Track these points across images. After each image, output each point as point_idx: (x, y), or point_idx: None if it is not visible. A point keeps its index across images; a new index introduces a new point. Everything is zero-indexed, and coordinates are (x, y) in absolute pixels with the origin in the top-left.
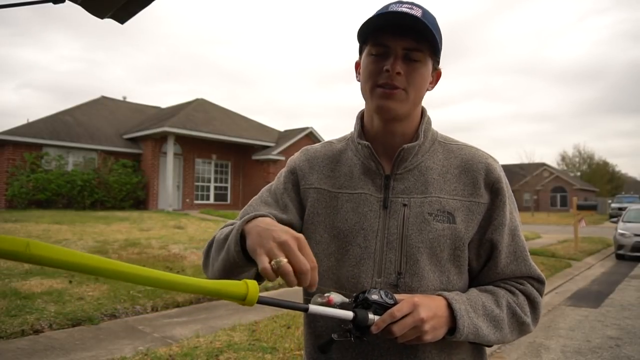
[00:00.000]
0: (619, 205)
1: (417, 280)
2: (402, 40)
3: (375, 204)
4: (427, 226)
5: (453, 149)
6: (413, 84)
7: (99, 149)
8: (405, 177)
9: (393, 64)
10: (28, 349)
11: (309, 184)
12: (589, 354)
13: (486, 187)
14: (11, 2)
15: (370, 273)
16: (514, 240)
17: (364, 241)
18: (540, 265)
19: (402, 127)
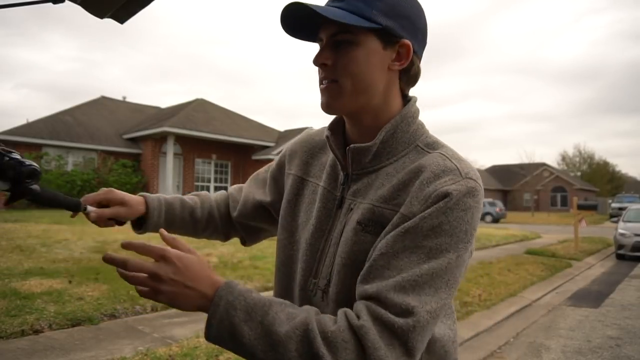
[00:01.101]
0: (619, 205)
1: (336, 292)
2: (328, 26)
3: (331, 201)
4: (355, 236)
5: (423, 156)
6: (344, 71)
7: (98, 149)
8: (360, 179)
9: (317, 55)
10: (28, 349)
11: (289, 169)
12: (589, 354)
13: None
14: (11, 2)
15: (309, 272)
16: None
17: (311, 238)
18: (540, 265)
19: (367, 123)
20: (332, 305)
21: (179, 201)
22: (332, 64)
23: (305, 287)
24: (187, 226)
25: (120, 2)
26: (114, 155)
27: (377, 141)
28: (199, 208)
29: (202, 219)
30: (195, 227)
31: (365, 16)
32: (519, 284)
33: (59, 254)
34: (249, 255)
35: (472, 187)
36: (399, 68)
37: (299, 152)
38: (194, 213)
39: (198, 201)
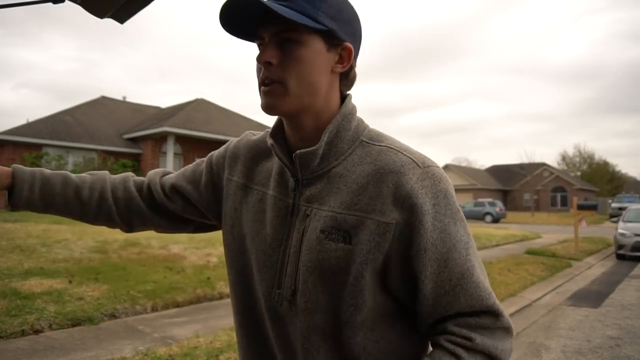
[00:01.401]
0: (619, 205)
1: (305, 301)
2: (272, 25)
3: (284, 209)
4: (318, 245)
5: (372, 152)
6: (290, 71)
7: (98, 149)
8: (313, 183)
9: (261, 53)
10: (28, 349)
11: (231, 174)
12: (589, 353)
13: (395, 203)
14: (11, 2)
15: (271, 283)
16: (447, 265)
17: (268, 248)
18: (540, 265)
19: (310, 121)
20: (302, 315)
21: (62, 178)
22: (277, 63)
23: (270, 299)
24: (72, 208)
25: (120, 2)
26: (114, 155)
27: (322, 143)
28: (87, 188)
29: (91, 201)
30: (83, 210)
31: (312, 17)
32: (519, 284)
33: (59, 254)
34: None
35: (435, 172)
36: (341, 70)
37: (241, 157)
38: (80, 193)
39: (89, 180)
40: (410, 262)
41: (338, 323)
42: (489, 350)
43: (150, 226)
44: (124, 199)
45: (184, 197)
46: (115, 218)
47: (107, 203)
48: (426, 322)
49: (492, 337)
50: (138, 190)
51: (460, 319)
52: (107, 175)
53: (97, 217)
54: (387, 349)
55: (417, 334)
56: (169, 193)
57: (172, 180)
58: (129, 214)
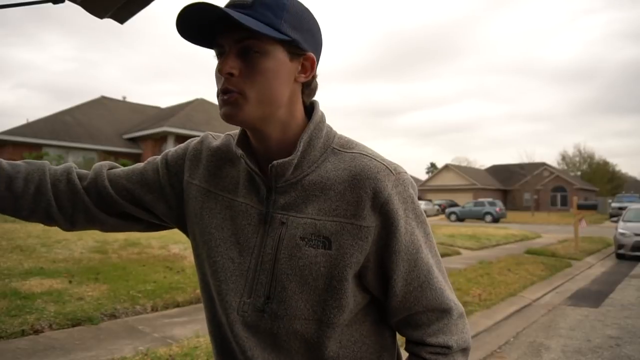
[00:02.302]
0: (619, 205)
1: (284, 308)
2: (232, 34)
3: (256, 217)
4: (299, 252)
5: (345, 159)
6: (252, 82)
7: (98, 149)
8: (287, 191)
9: (222, 64)
10: (28, 349)
11: (192, 177)
12: (589, 353)
13: (373, 208)
14: (11, 2)
15: (240, 292)
16: (416, 265)
17: (238, 257)
18: (540, 265)
19: (276, 135)
20: (277, 323)
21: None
22: (238, 74)
23: (238, 308)
24: (2, 201)
25: (120, 2)
26: (114, 155)
27: (298, 153)
28: (22, 179)
29: (25, 194)
30: (16, 204)
31: (275, 27)
32: (519, 283)
33: (59, 254)
34: None
35: (405, 179)
36: (304, 80)
37: (203, 161)
38: (12, 184)
39: (24, 170)
40: (385, 262)
41: (319, 326)
42: (461, 345)
43: (96, 224)
44: (66, 193)
45: (135, 199)
46: (54, 215)
47: (46, 197)
48: (395, 316)
49: (458, 331)
50: (82, 185)
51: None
52: (46, 166)
53: (32, 213)
54: (360, 341)
55: (385, 323)
56: (119, 192)
57: (122, 181)
58: (71, 210)
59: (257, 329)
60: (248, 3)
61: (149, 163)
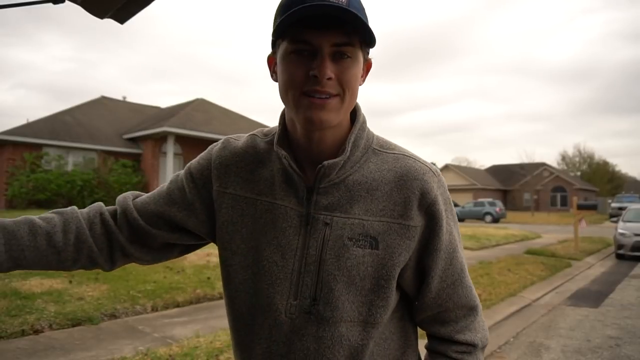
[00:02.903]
0: (619, 205)
1: (330, 310)
2: (330, 35)
3: (296, 219)
4: (346, 252)
5: (388, 160)
6: (348, 86)
7: (98, 149)
8: (329, 192)
9: (321, 67)
10: (28, 349)
11: (224, 187)
12: (589, 353)
13: (420, 208)
14: (11, 2)
15: (286, 294)
16: (452, 263)
17: (281, 259)
18: (540, 265)
19: (331, 135)
20: (324, 325)
21: (27, 226)
22: (334, 77)
23: (285, 311)
24: (46, 259)
25: (121, 2)
26: (114, 155)
27: (347, 154)
28: (60, 232)
29: (67, 246)
30: (59, 258)
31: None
32: (519, 283)
33: None
34: None
35: (444, 180)
36: (362, 83)
37: (232, 167)
38: (52, 239)
39: (59, 222)
40: (424, 259)
41: (364, 328)
42: (484, 343)
43: (132, 260)
44: (103, 235)
45: (167, 222)
46: (96, 259)
47: (87, 244)
48: (425, 312)
49: (481, 328)
50: (114, 221)
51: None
52: (77, 212)
53: (75, 262)
54: (389, 338)
55: (408, 320)
56: (149, 220)
57: (150, 207)
58: (110, 250)
59: (301, 332)
60: (344, 3)
61: (173, 182)
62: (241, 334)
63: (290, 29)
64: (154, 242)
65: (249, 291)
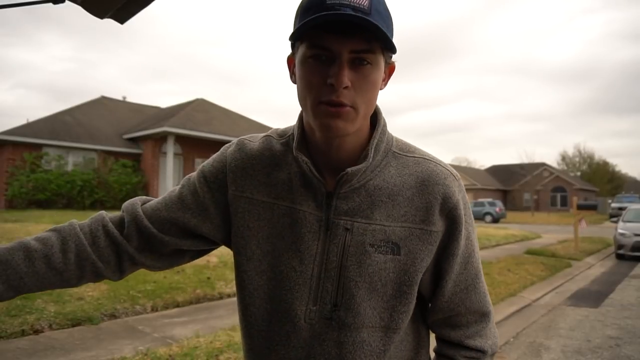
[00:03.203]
0: (619, 205)
1: (352, 316)
2: (349, 42)
3: (315, 224)
4: (368, 258)
5: (408, 164)
6: (364, 96)
7: (98, 149)
8: (349, 197)
9: (339, 75)
10: (28, 349)
11: (240, 190)
12: (589, 353)
13: (441, 213)
14: (11, 2)
15: (305, 300)
16: (466, 268)
17: (300, 265)
18: (540, 265)
19: (350, 141)
20: (346, 330)
21: (22, 252)
22: (351, 86)
23: (304, 317)
24: (48, 281)
25: (121, 2)
26: (114, 155)
27: (370, 160)
28: (59, 252)
29: (67, 266)
30: (62, 278)
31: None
32: (519, 283)
33: None
34: None
35: (462, 184)
36: (383, 87)
37: (248, 170)
38: (51, 261)
39: (56, 242)
40: (441, 263)
41: (385, 333)
42: (493, 350)
43: (142, 267)
44: (108, 247)
45: (180, 228)
46: (102, 272)
47: (89, 261)
48: (436, 315)
49: (492, 335)
50: (120, 231)
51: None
52: (76, 228)
53: (80, 279)
54: (405, 339)
55: (421, 321)
56: (161, 227)
57: (162, 214)
58: (117, 261)
59: (324, 337)
60: (366, 8)
61: (185, 186)
62: (255, 340)
63: (309, 33)
64: (165, 248)
65: (264, 297)
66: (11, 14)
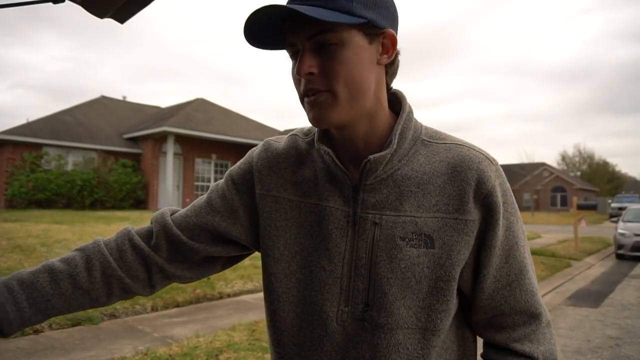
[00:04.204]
0: (619, 205)
1: (385, 316)
2: (303, 30)
3: (342, 219)
4: (399, 253)
5: (439, 150)
6: (336, 76)
7: (98, 148)
8: (377, 189)
9: (299, 64)
10: (28, 349)
11: (266, 189)
12: (588, 353)
13: (476, 200)
14: (11, 1)
15: (337, 301)
16: (508, 261)
17: (329, 264)
18: (540, 265)
19: (363, 129)
20: (379, 331)
21: (47, 274)
22: (318, 72)
23: (336, 319)
24: (76, 302)
25: (120, 2)
26: (114, 155)
27: (394, 146)
28: (84, 271)
29: (94, 285)
30: (91, 297)
31: (348, 11)
32: None
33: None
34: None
35: (502, 170)
36: (387, 61)
37: (274, 169)
38: (77, 281)
39: (80, 261)
40: (478, 256)
41: (423, 335)
42: (547, 358)
43: (173, 280)
44: (136, 261)
45: (210, 233)
46: (131, 288)
47: (116, 277)
48: (479, 315)
49: (546, 340)
50: (150, 244)
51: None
52: (100, 245)
53: (110, 297)
54: (450, 348)
55: (467, 328)
56: (192, 234)
57: (192, 220)
58: (147, 275)
59: (358, 340)
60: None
61: (213, 191)
62: (285, 348)
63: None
64: (195, 256)
65: (294, 300)
66: (9, 13)
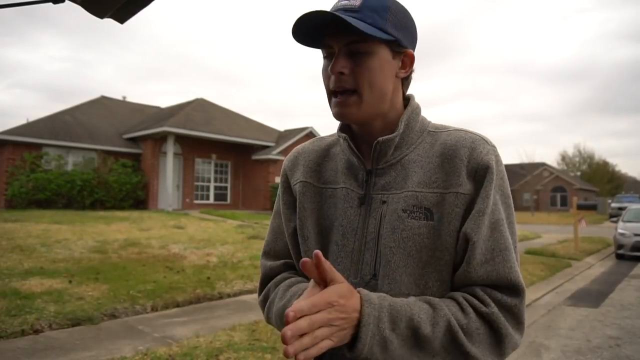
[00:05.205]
0: (619, 205)
1: (388, 283)
2: (344, 36)
3: (356, 200)
4: (401, 224)
5: (441, 137)
6: (364, 81)
7: (98, 148)
8: (386, 172)
9: (333, 64)
10: (28, 348)
11: (295, 179)
12: (588, 353)
13: (469, 174)
14: (11, 1)
15: (346, 273)
16: (494, 235)
17: (342, 239)
18: (540, 265)
19: (379, 123)
20: None
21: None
22: (348, 73)
23: None
24: None
25: (120, 2)
26: (114, 155)
27: (400, 131)
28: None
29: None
30: None
31: (381, 28)
32: None
33: (59, 253)
34: (248, 255)
35: (499, 154)
36: (404, 76)
37: (301, 160)
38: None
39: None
40: (466, 224)
41: None
42: (498, 326)
43: None
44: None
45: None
46: None
47: None
48: (462, 285)
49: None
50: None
51: (490, 290)
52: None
53: None
54: None
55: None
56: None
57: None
58: None
59: None
60: (356, 7)
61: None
62: None
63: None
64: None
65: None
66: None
